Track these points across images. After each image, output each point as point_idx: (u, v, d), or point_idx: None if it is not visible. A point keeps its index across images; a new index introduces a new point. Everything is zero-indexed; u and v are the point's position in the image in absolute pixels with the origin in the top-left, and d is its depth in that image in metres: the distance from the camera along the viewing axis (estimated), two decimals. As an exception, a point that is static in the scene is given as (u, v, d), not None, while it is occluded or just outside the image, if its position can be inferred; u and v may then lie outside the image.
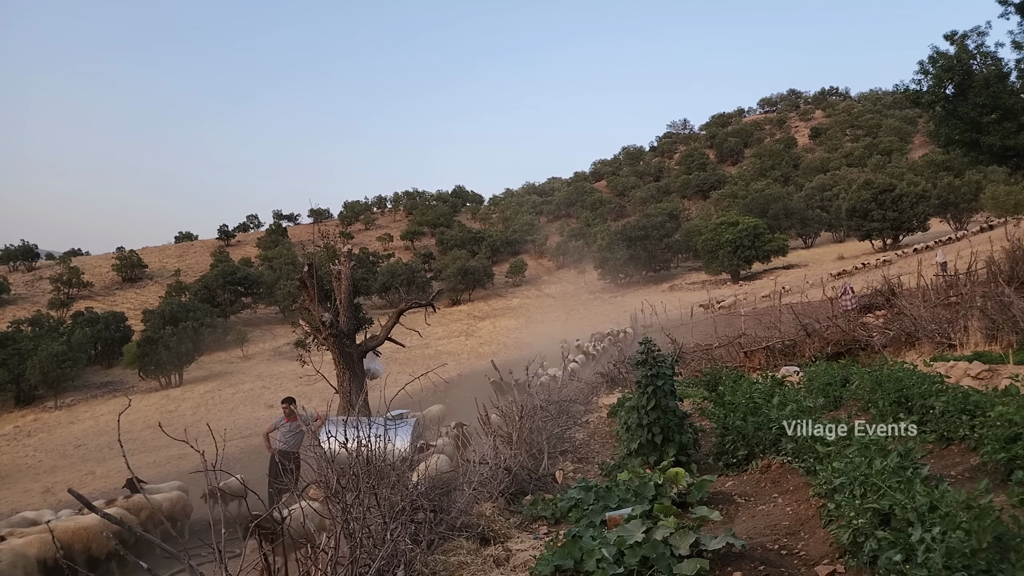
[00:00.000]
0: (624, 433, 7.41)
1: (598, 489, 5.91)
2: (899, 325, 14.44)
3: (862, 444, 4.44)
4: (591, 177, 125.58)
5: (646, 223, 68.23)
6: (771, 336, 16.94)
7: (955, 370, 9.56)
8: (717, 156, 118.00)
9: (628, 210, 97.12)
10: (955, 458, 5.65)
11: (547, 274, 79.71)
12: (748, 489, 5.96)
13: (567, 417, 11.20)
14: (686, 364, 16.60)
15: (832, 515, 4.15)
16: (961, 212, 57.23)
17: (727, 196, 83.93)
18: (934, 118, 17.99)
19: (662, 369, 7.20)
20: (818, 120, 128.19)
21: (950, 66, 16.68)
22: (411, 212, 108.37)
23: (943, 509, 3.22)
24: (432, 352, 39.04)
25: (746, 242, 54.89)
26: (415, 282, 61.02)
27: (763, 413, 6.66)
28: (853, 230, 58.37)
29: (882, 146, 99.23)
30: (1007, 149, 16.60)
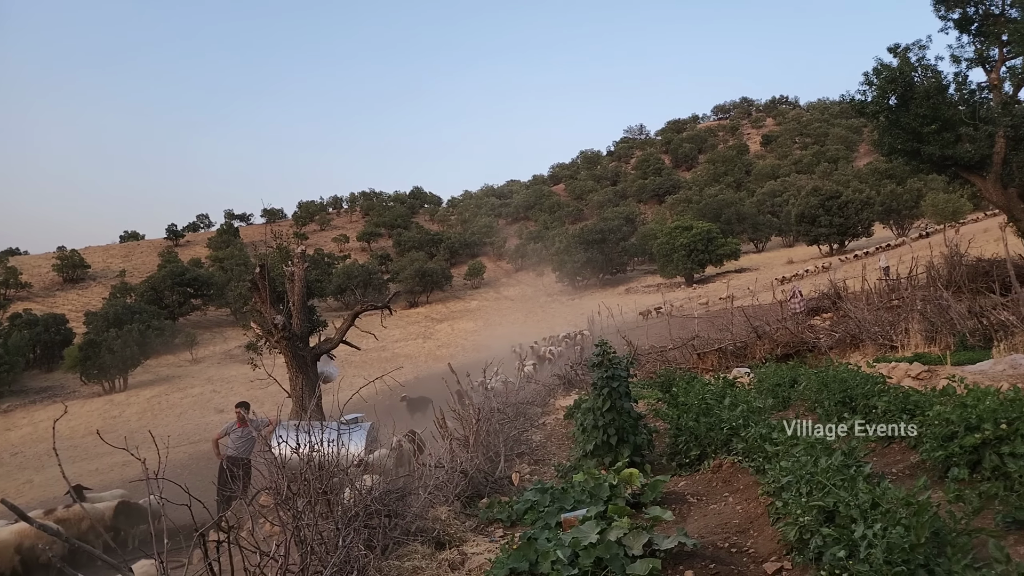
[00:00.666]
0: (580, 435, 7.47)
1: (554, 491, 5.93)
2: (844, 327, 14.96)
3: (808, 443, 4.58)
4: (549, 180, 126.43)
5: (603, 227, 69.00)
6: (723, 338, 17.33)
7: (896, 371, 9.93)
8: (672, 161, 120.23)
9: (586, 214, 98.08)
10: (896, 456, 5.87)
11: (506, 276, 79.83)
12: (700, 489, 6.07)
13: (524, 419, 11.24)
14: (641, 366, 16.84)
15: (780, 513, 4.26)
16: (903, 218, 59.61)
17: (682, 201, 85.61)
18: (878, 128, 18.66)
19: (617, 371, 7.28)
20: (769, 128, 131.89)
21: (893, 78, 17.35)
22: (368, 213, 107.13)
23: (884, 506, 3.33)
24: (389, 355, 38.67)
25: (700, 246, 56.04)
26: (371, 284, 60.33)
27: (715, 414, 6.80)
28: (802, 235, 60.21)
29: (829, 154, 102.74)
30: (946, 159, 17.35)
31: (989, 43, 17.61)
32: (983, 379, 8.08)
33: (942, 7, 17.87)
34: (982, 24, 17.66)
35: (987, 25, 17.57)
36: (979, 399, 4.81)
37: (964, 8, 17.71)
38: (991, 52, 17.63)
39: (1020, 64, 17.01)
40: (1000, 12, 17.31)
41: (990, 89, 17.77)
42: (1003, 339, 10.28)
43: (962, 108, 17.72)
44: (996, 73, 17.57)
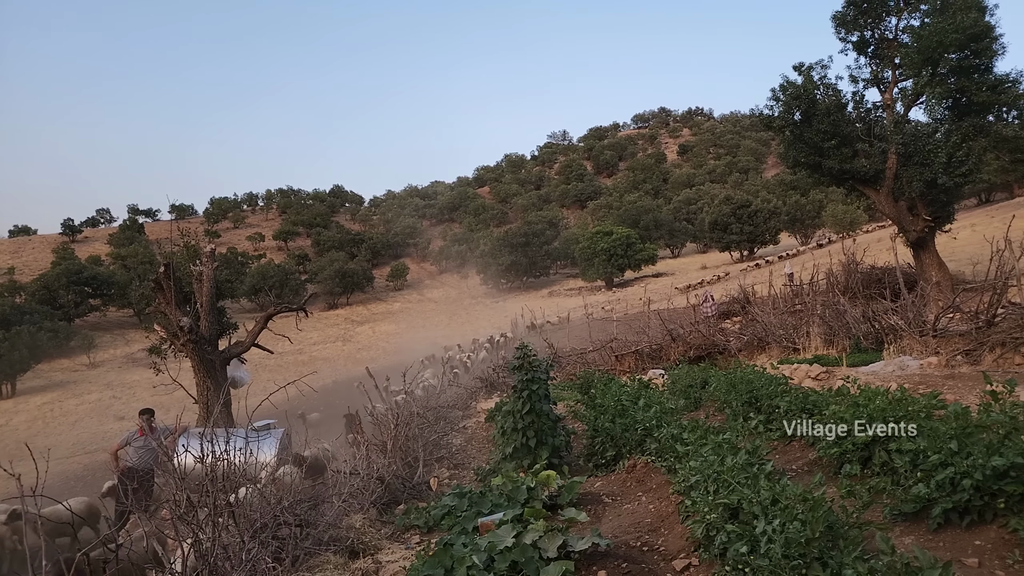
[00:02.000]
0: (500, 438, 7.47)
1: (472, 495, 5.90)
2: (752, 331, 15.70)
3: (716, 443, 4.74)
4: (474, 183, 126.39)
5: (527, 230, 69.59)
6: (640, 341, 17.82)
7: (798, 372, 10.50)
8: (594, 168, 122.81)
9: (510, 217, 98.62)
10: (796, 453, 6.18)
11: (429, 278, 79.13)
12: (615, 489, 6.19)
13: (445, 423, 11.14)
14: (562, 368, 17.07)
15: (689, 511, 4.39)
16: (807, 227, 63.30)
17: (603, 207, 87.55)
18: (784, 141, 19.75)
19: (537, 374, 7.32)
20: (685, 138, 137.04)
21: (798, 95, 18.42)
22: (285, 211, 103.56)
23: (783, 502, 3.49)
24: (306, 358, 37.50)
25: (619, 251, 57.49)
26: (288, 285, 58.28)
27: (630, 415, 6.95)
28: (715, 242, 62.87)
29: (741, 165, 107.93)
30: (844, 172, 18.57)
31: (884, 65, 19.00)
32: (875, 379, 8.65)
33: (842, 30, 19.12)
34: (878, 47, 19.03)
35: (882, 49, 18.95)
36: (870, 399, 5.13)
37: (862, 32, 19.02)
38: (885, 74, 19.03)
39: (910, 86, 18.41)
40: (894, 37, 18.70)
41: (884, 108, 19.16)
42: (893, 342, 11.04)
43: (859, 125, 19.02)
44: (889, 93, 18.96)
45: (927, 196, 17.63)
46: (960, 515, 3.85)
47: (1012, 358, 8.67)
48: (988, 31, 16.50)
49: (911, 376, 8.56)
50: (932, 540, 3.85)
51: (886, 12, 18.61)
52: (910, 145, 17.62)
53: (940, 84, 17.16)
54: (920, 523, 4.03)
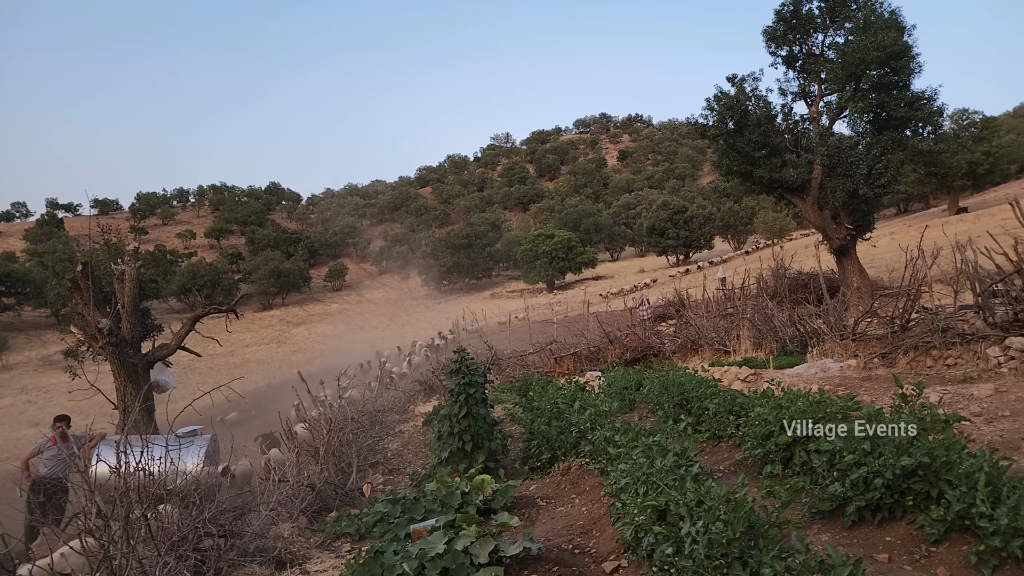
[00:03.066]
0: (436, 442, 7.40)
1: (405, 501, 5.81)
2: (686, 334, 16.10)
3: (646, 446, 4.82)
4: (416, 183, 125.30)
5: (470, 232, 69.44)
6: (579, 343, 18.02)
7: (728, 374, 10.83)
8: (537, 171, 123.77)
9: (453, 218, 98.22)
10: (724, 453, 6.37)
11: (369, 279, 77.88)
12: (550, 491, 6.22)
13: (381, 427, 10.96)
14: (502, 370, 17.08)
15: (619, 513, 4.45)
16: (739, 233, 65.63)
17: (545, 209, 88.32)
18: (718, 150, 20.38)
19: (474, 377, 7.29)
20: (625, 144, 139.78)
21: (731, 105, 19.04)
22: (218, 208, 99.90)
23: (708, 503, 3.57)
24: (239, 360, 36.26)
25: (561, 254, 58.10)
26: (220, 284, 56.21)
27: (565, 418, 7.01)
28: (652, 246, 64.39)
29: (678, 171, 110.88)
30: (773, 181, 19.30)
31: (811, 79, 19.85)
32: (798, 381, 9.02)
33: (772, 44, 19.88)
34: (805, 62, 19.87)
35: (809, 63, 19.80)
36: (792, 401, 5.33)
37: (791, 47, 19.82)
38: (812, 88, 19.88)
39: (835, 100, 19.31)
40: (820, 53, 19.57)
41: (811, 121, 20.01)
42: (816, 345, 11.53)
43: (787, 136, 19.82)
44: (816, 107, 19.83)
45: (849, 205, 18.52)
46: (872, 512, 4.04)
47: (924, 361, 9.18)
48: (906, 50, 17.47)
49: (832, 378, 8.96)
50: (847, 537, 4.02)
51: (813, 29, 19.46)
52: (834, 157, 18.47)
53: (862, 99, 18.07)
54: (836, 520, 4.21)
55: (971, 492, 3.44)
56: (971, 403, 6.28)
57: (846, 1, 18.78)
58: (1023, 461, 4.87)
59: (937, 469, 3.81)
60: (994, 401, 6.24)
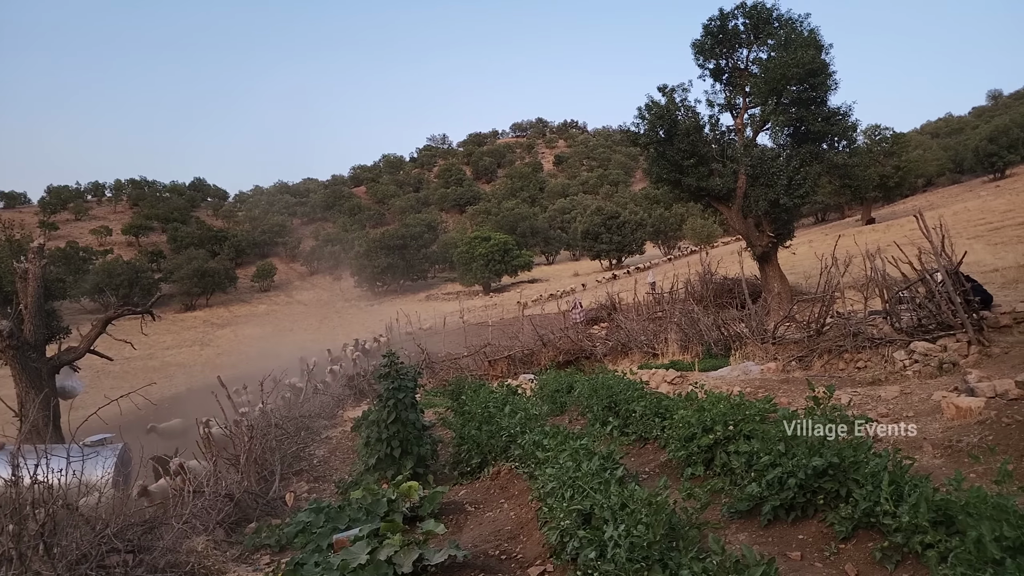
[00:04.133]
0: (363, 448, 7.23)
1: (329, 510, 5.65)
2: (617, 337, 16.42)
3: (573, 449, 4.85)
4: (350, 182, 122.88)
5: (405, 232, 68.61)
6: (513, 345, 18.08)
7: (655, 376, 11.07)
8: (474, 173, 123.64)
9: (387, 218, 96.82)
10: (650, 455, 6.49)
11: (299, 280, 75.77)
12: (479, 496, 6.18)
13: (308, 433, 10.64)
14: (435, 374, 16.93)
15: (546, 517, 4.46)
16: (669, 239, 67.49)
17: (481, 212, 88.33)
18: (648, 158, 20.87)
19: (404, 382, 7.17)
20: (561, 149, 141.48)
21: (661, 114, 19.54)
22: (137, 203, 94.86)
23: (631, 507, 3.62)
24: (158, 364, 34.53)
25: (497, 256, 58.24)
26: (139, 284, 53.38)
27: (496, 422, 6.98)
28: (587, 250, 65.41)
29: (611, 177, 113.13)
30: (701, 189, 19.92)
31: (736, 92, 20.62)
32: (721, 383, 9.31)
33: (701, 57, 20.55)
34: (731, 76, 20.63)
35: (735, 77, 20.57)
36: (714, 404, 5.48)
37: (718, 60, 20.54)
38: (737, 100, 20.66)
39: (758, 113, 20.12)
40: (745, 67, 20.36)
41: (736, 132, 20.78)
42: (739, 348, 11.96)
43: (714, 146, 20.49)
44: (741, 119, 20.61)
45: (771, 214, 19.32)
46: (787, 511, 4.20)
47: (837, 363, 9.67)
48: (824, 68, 18.39)
49: (753, 380, 9.29)
50: (763, 535, 4.16)
51: (738, 44, 20.24)
52: (757, 167, 19.23)
53: (783, 113, 18.90)
54: (753, 520, 4.35)
55: (876, 491, 3.62)
56: (879, 404, 6.63)
57: (769, 19, 19.62)
58: (925, 460, 5.18)
59: (846, 469, 3.99)
60: (899, 402, 6.60)
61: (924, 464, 5.04)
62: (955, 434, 5.36)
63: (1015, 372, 6.55)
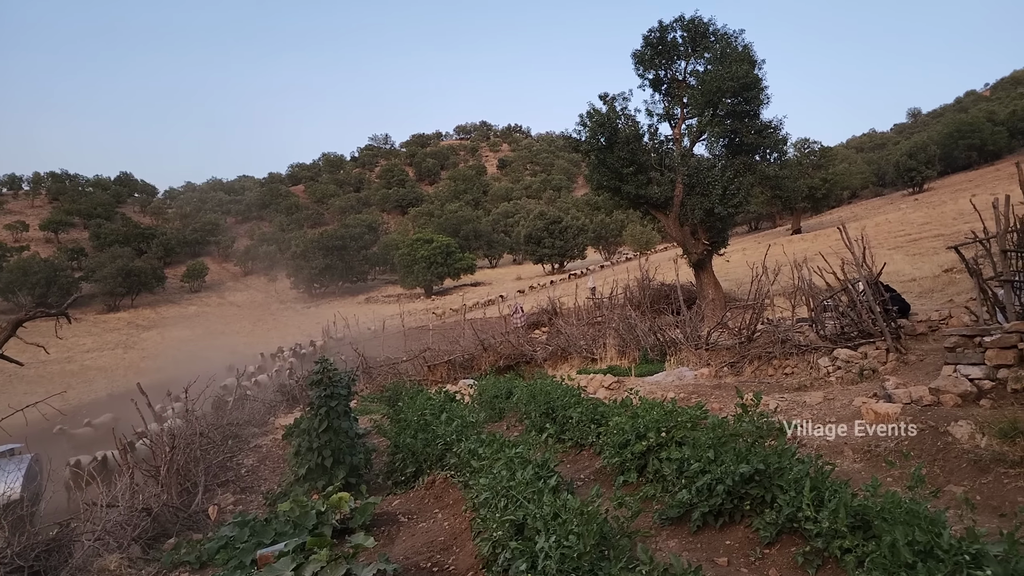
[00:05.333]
0: (293, 458, 6.99)
1: (255, 523, 5.42)
2: (557, 341, 16.50)
3: (508, 458, 4.81)
4: (288, 180, 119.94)
5: (345, 233, 67.34)
6: (453, 350, 17.94)
7: (593, 382, 11.18)
8: (416, 174, 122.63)
9: (327, 218, 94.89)
10: (586, 462, 6.52)
11: (233, 280, 73.26)
12: (413, 506, 6.06)
13: (236, 442, 10.24)
14: (372, 379, 16.61)
15: (479, 528, 4.39)
16: (610, 245, 68.65)
17: (424, 214, 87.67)
18: (589, 164, 21.13)
19: (337, 389, 6.97)
20: (504, 153, 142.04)
21: (602, 122, 19.82)
22: (57, 198, 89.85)
23: (563, 516, 3.60)
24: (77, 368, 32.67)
25: (439, 259, 57.87)
26: (57, 283, 50.47)
27: (432, 429, 6.87)
28: (529, 254, 65.79)
29: (554, 182, 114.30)
30: (640, 197, 20.31)
31: (674, 103, 21.13)
32: (657, 389, 9.47)
33: (641, 67, 20.97)
34: (670, 86, 21.13)
35: (673, 88, 21.08)
36: (648, 411, 5.55)
37: (657, 71, 21.01)
38: (675, 111, 21.16)
39: (695, 124, 20.67)
40: (683, 79, 20.89)
41: (674, 142, 21.28)
42: (674, 354, 12.20)
43: (653, 155, 20.92)
44: (679, 129, 21.12)
45: (706, 222, 19.86)
46: (715, 517, 4.27)
47: (766, 369, 9.98)
48: (757, 82, 19.07)
49: (686, 386, 9.49)
50: (692, 542, 4.22)
51: (677, 56, 20.76)
52: (693, 177, 19.76)
53: (718, 124, 19.49)
54: (683, 526, 4.41)
55: (798, 497, 3.72)
56: (804, 410, 6.87)
57: (706, 33, 20.21)
58: (845, 464, 5.38)
59: (771, 475, 4.09)
60: (823, 408, 6.85)
61: (845, 468, 5.24)
62: (873, 439, 5.59)
63: (929, 379, 6.90)
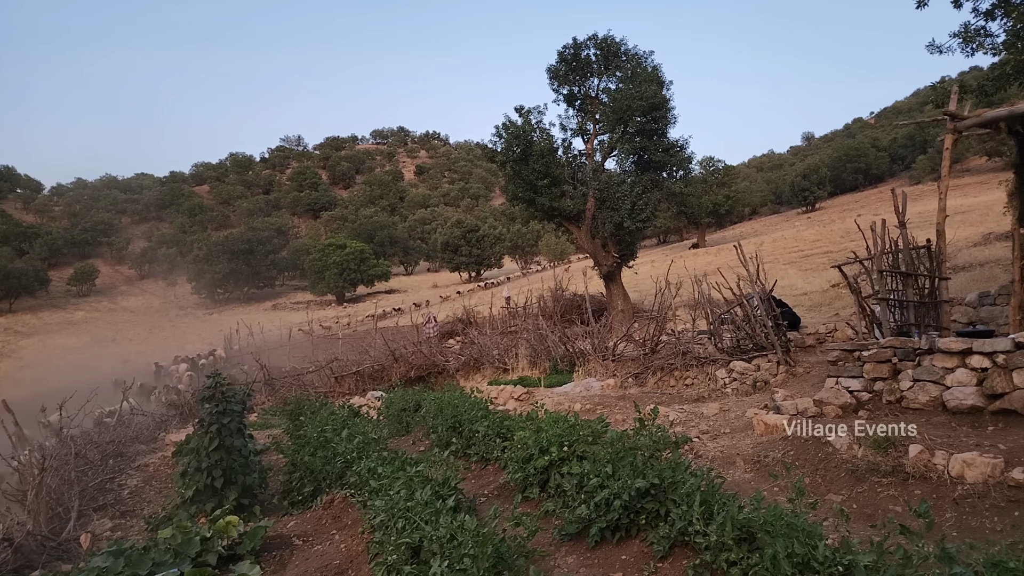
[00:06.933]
0: (179, 479, 6.54)
1: (132, 552, 5.00)
2: (470, 352, 16.42)
3: (408, 477, 4.69)
4: (191, 180, 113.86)
5: (252, 237, 64.57)
6: (363, 360, 17.49)
7: (504, 393, 11.19)
8: (330, 178, 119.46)
9: (233, 221, 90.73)
10: (491, 476, 6.47)
11: (127, 284, 68.66)
12: (309, 528, 5.81)
13: (120, 460, 9.51)
14: (275, 391, 15.94)
15: (376, 551, 4.25)
16: (526, 254, 69.44)
17: (337, 218, 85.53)
18: (506, 175, 21.33)
19: (230, 405, 6.60)
20: (422, 159, 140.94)
21: (518, 134, 20.07)
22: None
23: (459, 538, 3.53)
24: (-61, 379, 29.52)
25: (353, 265, 56.52)
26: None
27: (332, 446, 6.63)
28: (446, 262, 65.48)
29: (472, 191, 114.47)
30: (553, 209, 20.68)
31: (587, 119, 21.67)
32: (564, 400, 9.58)
33: (555, 82, 21.41)
34: (583, 103, 21.66)
35: (586, 104, 21.63)
36: (552, 425, 5.56)
37: (571, 87, 21.50)
38: (588, 126, 21.71)
39: (607, 140, 21.28)
40: (595, 96, 21.48)
41: (586, 156, 21.81)
42: (582, 364, 12.40)
43: (567, 169, 21.36)
44: (591, 144, 21.67)
45: (616, 236, 20.45)
46: (612, 532, 4.32)
47: (668, 380, 10.32)
48: (665, 103, 19.88)
49: (593, 397, 9.66)
50: (590, 558, 4.24)
51: (590, 72, 21.34)
52: (604, 191, 20.31)
53: (628, 141, 20.16)
54: (582, 542, 4.43)
55: (690, 511, 3.81)
56: (701, 421, 7.12)
57: (618, 52, 20.89)
58: (737, 475, 5.60)
59: (666, 489, 4.18)
60: (719, 419, 7.13)
61: (736, 479, 5.46)
62: (763, 450, 5.86)
63: (815, 390, 7.32)
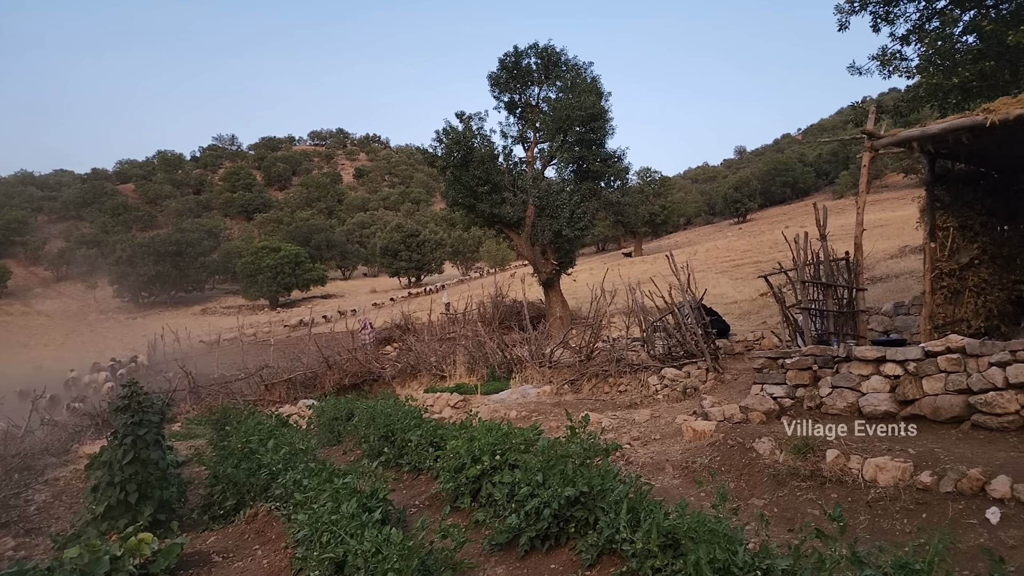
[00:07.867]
0: (91, 494, 6.17)
1: (34, 573, 4.67)
2: (407, 358, 16.20)
3: (334, 489, 4.56)
4: (115, 178, 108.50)
5: (180, 238, 61.91)
6: (295, 367, 17.00)
7: (440, 400, 11.09)
8: (265, 179, 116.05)
9: (160, 221, 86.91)
10: (423, 486, 6.37)
11: (42, 286, 64.67)
12: (231, 544, 5.57)
13: (27, 474, 8.90)
14: (201, 400, 15.30)
15: (299, 566, 4.11)
16: (467, 260, 69.24)
17: (272, 220, 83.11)
18: (446, 181, 21.21)
19: (147, 416, 6.28)
20: (362, 162, 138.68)
21: (458, 140, 19.99)
22: None
23: (384, 552, 3.44)
24: None
25: (287, 269, 54.97)
26: None
27: (257, 458, 6.39)
28: (385, 267, 64.52)
29: (413, 195, 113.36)
30: (494, 216, 20.69)
31: (527, 127, 21.83)
32: (501, 407, 9.57)
33: (496, 89, 21.48)
34: (524, 110, 21.82)
35: (527, 112, 21.79)
36: (485, 433, 5.52)
37: (512, 95, 21.62)
38: (529, 134, 21.87)
39: (546, 148, 21.48)
40: (536, 104, 21.67)
41: (526, 164, 21.95)
42: (519, 371, 12.43)
43: (507, 176, 21.43)
44: (531, 152, 21.83)
45: (555, 243, 20.64)
46: (542, 541, 4.30)
47: (603, 387, 10.45)
48: (603, 114, 20.23)
49: (529, 403, 9.68)
50: (519, 567, 4.22)
51: (531, 81, 21.52)
52: (544, 199, 20.48)
53: (568, 151, 20.41)
54: (512, 551, 4.40)
55: (617, 518, 3.84)
56: (633, 427, 7.23)
57: (558, 62, 21.14)
58: (665, 480, 5.70)
59: (595, 496, 4.20)
60: (650, 425, 7.26)
61: (665, 485, 5.55)
62: (691, 456, 5.99)
63: (741, 397, 7.55)
